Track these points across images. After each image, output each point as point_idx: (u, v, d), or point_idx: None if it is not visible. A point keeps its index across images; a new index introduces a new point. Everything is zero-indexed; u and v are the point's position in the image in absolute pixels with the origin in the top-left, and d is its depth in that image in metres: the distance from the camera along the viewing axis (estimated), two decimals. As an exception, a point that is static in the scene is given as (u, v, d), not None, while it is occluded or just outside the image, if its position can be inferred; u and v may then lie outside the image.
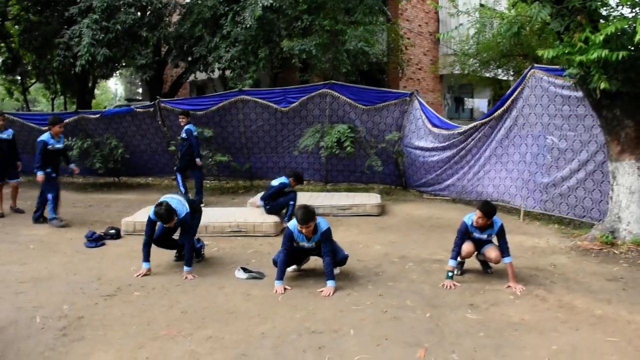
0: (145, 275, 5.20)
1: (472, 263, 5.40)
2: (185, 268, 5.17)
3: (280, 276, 4.75)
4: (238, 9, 11.55)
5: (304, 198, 8.62)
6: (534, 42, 12.94)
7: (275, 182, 7.72)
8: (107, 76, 19.66)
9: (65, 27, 14.52)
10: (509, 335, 3.72)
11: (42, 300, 4.48)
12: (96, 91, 21.68)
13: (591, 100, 6.42)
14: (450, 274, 4.86)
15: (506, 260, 4.85)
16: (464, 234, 5.02)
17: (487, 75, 18.24)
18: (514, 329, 3.82)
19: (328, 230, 4.80)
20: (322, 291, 4.62)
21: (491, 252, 5.03)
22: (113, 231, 6.89)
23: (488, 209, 4.90)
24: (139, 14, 12.82)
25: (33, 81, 19.69)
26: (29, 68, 17.30)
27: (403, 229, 7.31)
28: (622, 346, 3.56)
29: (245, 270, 5.16)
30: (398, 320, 4.02)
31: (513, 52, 14.80)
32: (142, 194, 10.47)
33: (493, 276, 5.16)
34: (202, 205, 7.74)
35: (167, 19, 13.54)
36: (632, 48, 5.32)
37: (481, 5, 18.55)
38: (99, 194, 10.72)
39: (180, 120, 9.48)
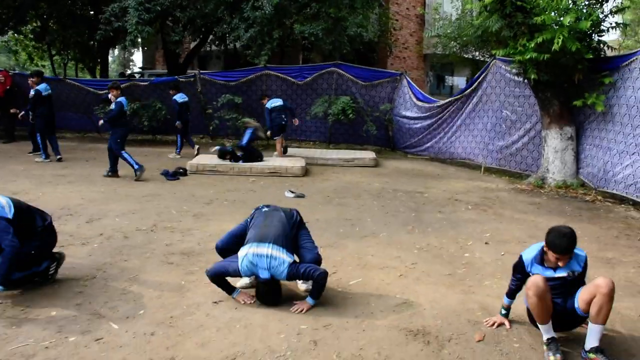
0: None
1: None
2: None
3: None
4: (257, -5, 13.72)
5: (317, 153, 11.19)
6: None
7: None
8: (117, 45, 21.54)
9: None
10: (461, 223, 6.37)
11: (167, 205, 6.93)
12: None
13: (531, 86, 9.01)
14: (503, 311, 3.70)
15: None
16: (520, 272, 3.55)
17: (467, 56, 20.62)
18: (464, 221, 6.48)
19: None
20: None
21: (586, 292, 3.26)
22: (181, 170, 9.30)
23: (563, 242, 3.22)
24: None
25: (56, 50, 21.32)
26: (55, 37, 19.01)
27: (393, 175, 9.90)
28: (526, 230, 6.21)
29: (292, 191, 7.69)
30: (395, 216, 6.64)
31: (489, 38, 17.15)
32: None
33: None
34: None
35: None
36: (554, 52, 7.87)
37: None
38: (146, 148, 12.85)
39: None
